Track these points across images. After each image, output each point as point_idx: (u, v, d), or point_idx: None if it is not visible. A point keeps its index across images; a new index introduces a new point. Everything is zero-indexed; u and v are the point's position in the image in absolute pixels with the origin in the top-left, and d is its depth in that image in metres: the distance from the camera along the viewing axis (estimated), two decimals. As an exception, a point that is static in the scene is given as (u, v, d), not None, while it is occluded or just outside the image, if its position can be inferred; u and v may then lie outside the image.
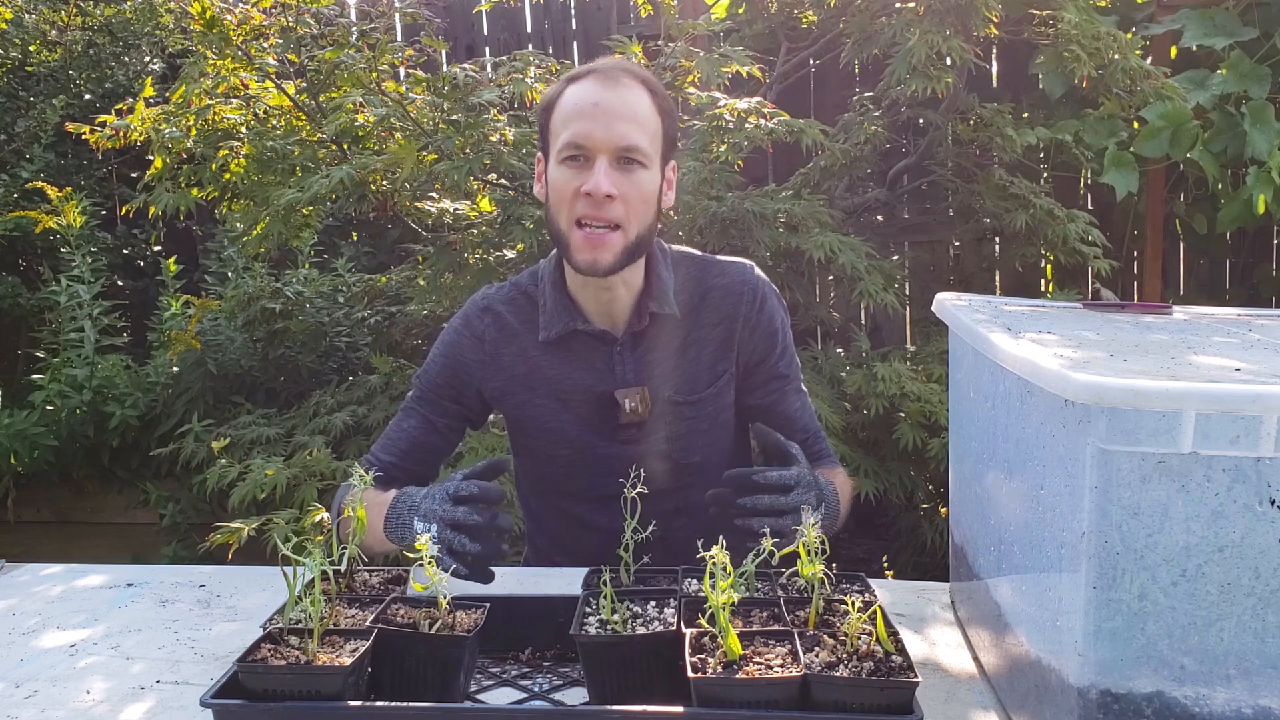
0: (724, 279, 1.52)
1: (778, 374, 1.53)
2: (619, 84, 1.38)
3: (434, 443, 1.55)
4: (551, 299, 1.48)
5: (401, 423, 1.55)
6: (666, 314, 1.47)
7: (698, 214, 2.88)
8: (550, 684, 1.10)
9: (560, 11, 4.79)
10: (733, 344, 1.51)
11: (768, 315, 1.52)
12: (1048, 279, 3.98)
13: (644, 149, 1.37)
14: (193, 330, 3.72)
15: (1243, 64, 3.25)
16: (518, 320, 1.51)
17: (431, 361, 1.56)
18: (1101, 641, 0.79)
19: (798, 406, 1.55)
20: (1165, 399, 0.73)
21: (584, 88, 1.38)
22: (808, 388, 1.61)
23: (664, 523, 1.14)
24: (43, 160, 4.51)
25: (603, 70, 1.40)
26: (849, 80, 4.02)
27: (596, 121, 1.34)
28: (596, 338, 1.47)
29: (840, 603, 1.01)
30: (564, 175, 1.37)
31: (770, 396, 1.54)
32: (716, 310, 1.51)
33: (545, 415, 1.50)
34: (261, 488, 2.74)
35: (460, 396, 1.54)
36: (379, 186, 2.96)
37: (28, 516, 4.22)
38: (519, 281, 1.56)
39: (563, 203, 1.38)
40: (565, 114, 1.38)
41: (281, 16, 3.05)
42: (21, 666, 1.20)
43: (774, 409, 1.53)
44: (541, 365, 1.50)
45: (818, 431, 1.58)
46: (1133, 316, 1.16)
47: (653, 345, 1.49)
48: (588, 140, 1.34)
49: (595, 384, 1.48)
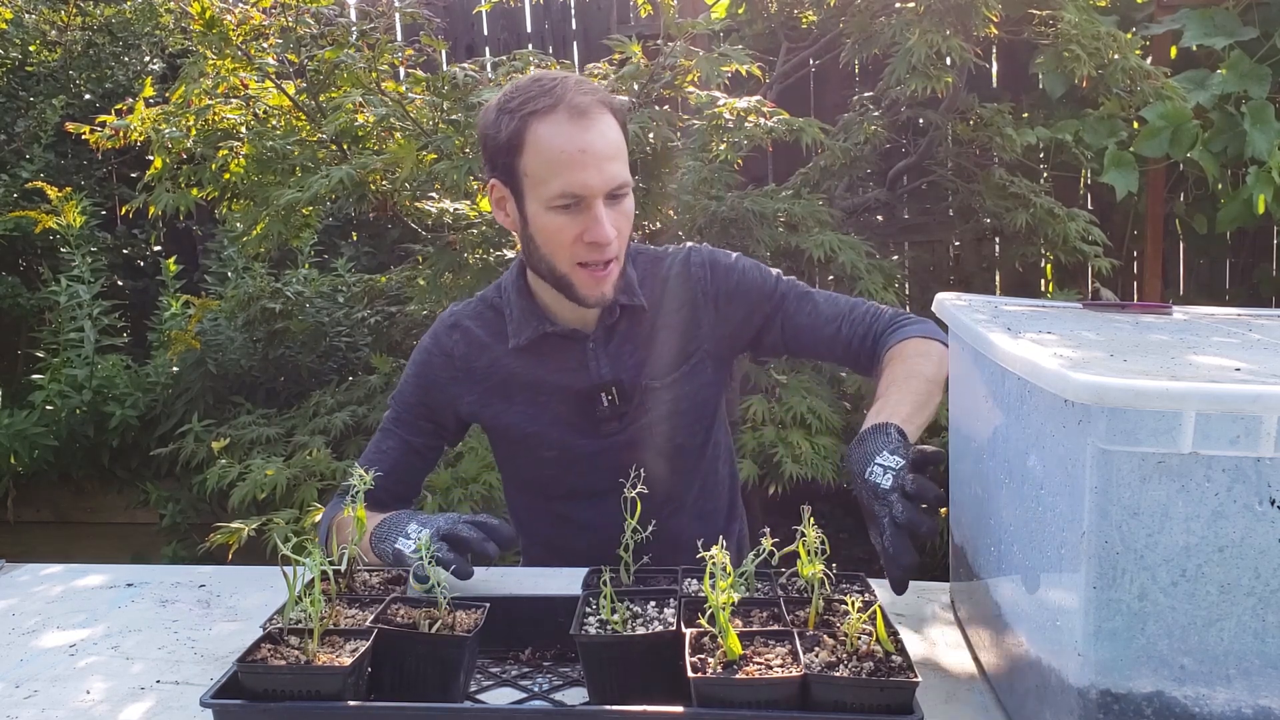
0: (675, 266, 1.54)
1: (772, 307, 1.53)
2: (594, 120, 1.34)
3: (413, 462, 1.56)
4: (518, 306, 1.50)
5: (380, 444, 1.56)
6: (636, 305, 1.50)
7: (697, 214, 2.88)
8: (550, 684, 1.10)
9: (560, 11, 4.79)
10: (699, 323, 1.52)
11: (722, 276, 1.53)
12: (1048, 279, 3.98)
13: (628, 179, 1.38)
14: (193, 330, 3.72)
15: (1243, 64, 3.25)
16: (486, 332, 1.53)
17: (405, 382, 1.57)
18: (1101, 641, 0.79)
19: (809, 310, 1.52)
20: (1165, 399, 0.73)
21: (560, 129, 1.33)
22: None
23: (656, 513, 1.14)
24: (43, 160, 4.51)
25: (570, 105, 1.33)
26: (849, 80, 4.02)
27: (588, 170, 1.32)
28: (567, 337, 1.49)
29: (840, 603, 1.01)
30: (558, 222, 1.36)
31: (778, 326, 1.53)
32: (675, 296, 1.52)
33: (524, 421, 1.51)
34: (261, 488, 2.74)
35: (434, 415, 1.55)
36: (379, 186, 2.96)
37: (28, 516, 4.22)
38: (485, 296, 1.58)
39: (560, 248, 1.37)
40: (548, 161, 1.33)
41: (281, 16, 3.05)
42: (21, 666, 1.20)
43: (791, 332, 1.53)
44: (516, 372, 1.51)
45: (848, 313, 1.50)
46: (1133, 316, 1.16)
47: (625, 337, 1.51)
48: (584, 189, 1.33)
49: (571, 383, 1.49)
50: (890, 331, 1.47)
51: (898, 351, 1.41)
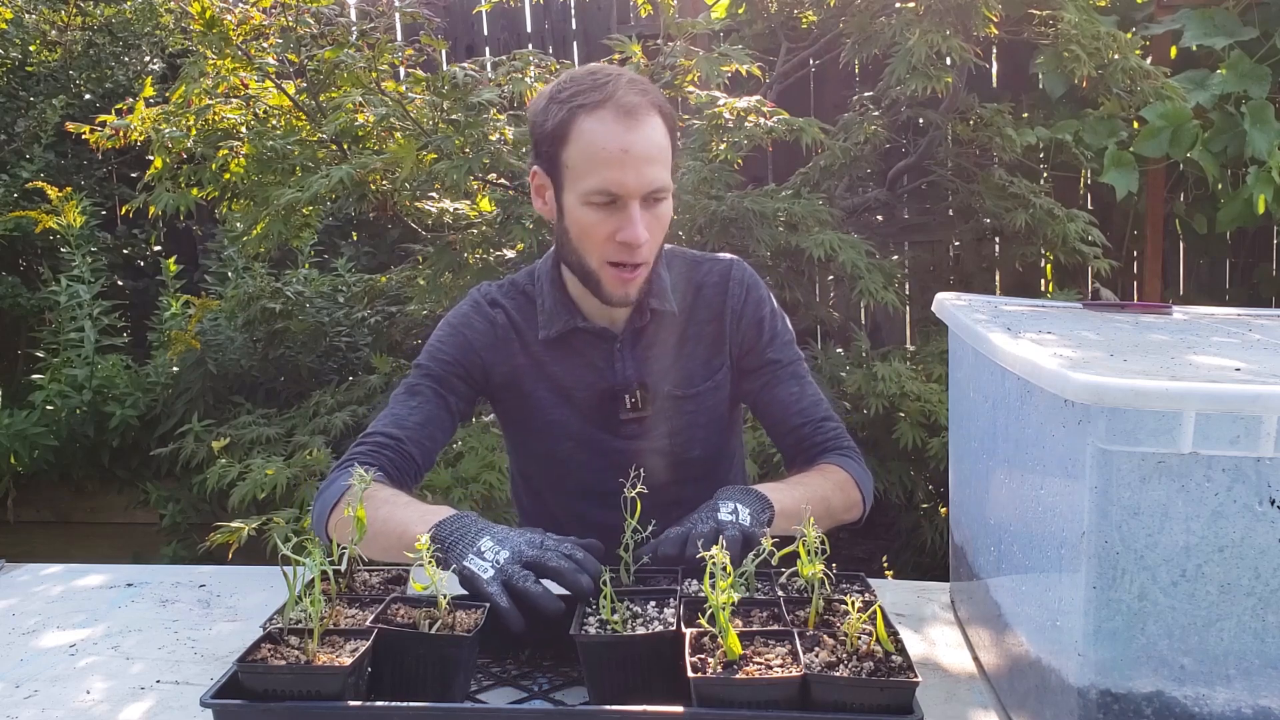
0: (713, 275, 1.54)
1: (767, 360, 1.53)
2: (640, 121, 1.33)
3: (444, 419, 1.49)
4: (551, 298, 1.49)
5: (408, 400, 1.48)
6: (666, 310, 1.49)
7: (698, 213, 2.88)
8: (550, 684, 1.10)
9: (560, 11, 4.79)
10: (724, 337, 1.52)
11: (753, 304, 1.53)
12: (1048, 279, 3.98)
13: (668, 183, 1.37)
14: (193, 330, 3.72)
15: (1243, 64, 3.25)
16: (520, 316, 1.52)
17: (439, 343, 1.52)
18: (1101, 641, 0.79)
19: (794, 391, 1.52)
20: (1165, 399, 0.73)
21: (605, 127, 1.32)
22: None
23: (662, 517, 1.14)
24: (43, 160, 4.51)
25: (619, 103, 1.33)
26: (849, 80, 4.02)
27: (628, 170, 1.32)
28: (597, 335, 1.48)
29: (840, 603, 1.01)
30: (593, 218, 1.35)
31: (761, 381, 1.53)
32: (709, 306, 1.52)
33: (547, 407, 1.51)
34: (261, 488, 2.74)
35: (469, 375, 1.50)
36: (379, 186, 2.97)
37: (28, 516, 4.22)
38: (516, 281, 1.56)
39: (593, 244, 1.37)
40: (590, 156, 1.33)
41: (281, 16, 3.05)
42: (21, 666, 1.20)
43: (767, 394, 1.52)
44: (543, 361, 1.50)
45: (821, 419, 1.52)
46: (1133, 316, 1.16)
47: (652, 341, 1.50)
48: (621, 189, 1.33)
49: (596, 380, 1.49)
50: (836, 453, 1.48)
51: (828, 469, 1.44)
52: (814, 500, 1.24)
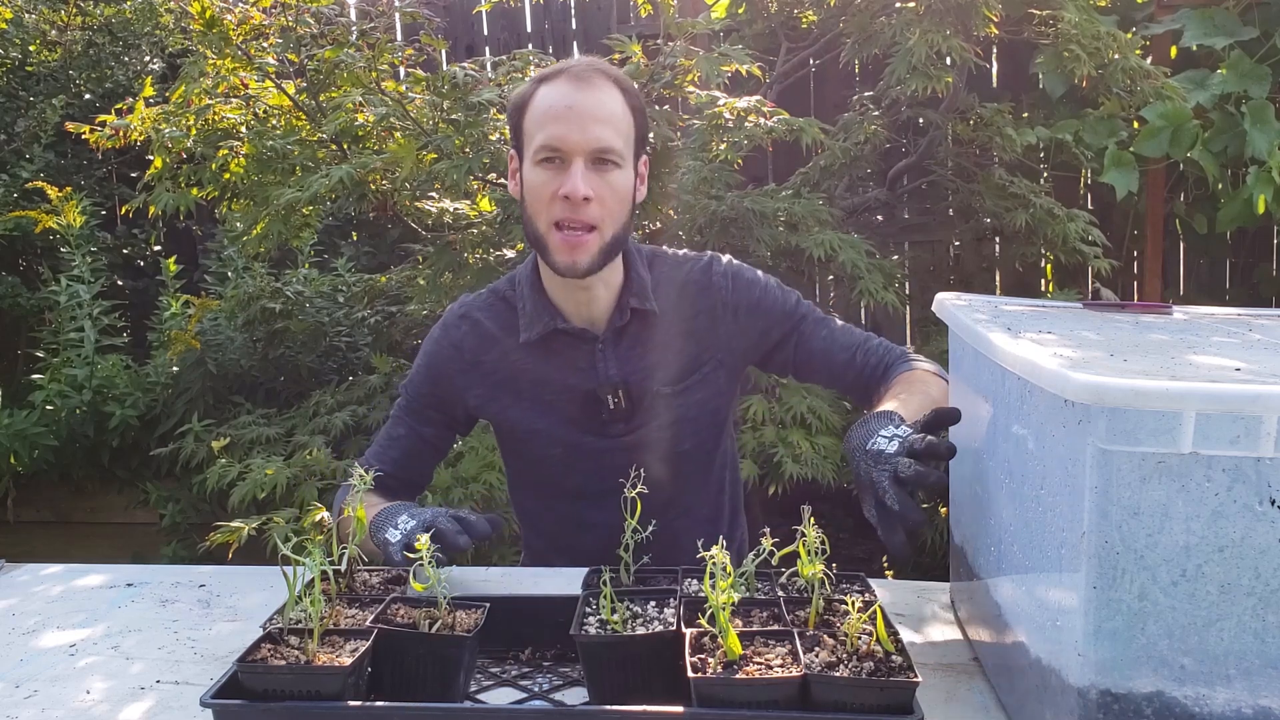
0: (694, 273, 1.55)
1: (786, 330, 1.54)
2: (591, 85, 1.38)
3: (423, 451, 1.58)
4: (530, 301, 1.50)
5: (392, 431, 1.58)
6: (647, 309, 1.50)
7: (698, 213, 2.88)
8: (550, 684, 1.10)
9: (560, 11, 4.79)
10: (716, 333, 1.52)
11: (744, 291, 1.53)
12: (1048, 279, 3.98)
13: (618, 149, 1.39)
14: (193, 330, 3.72)
15: (1243, 64, 3.25)
16: (496, 325, 1.53)
17: (415, 372, 1.59)
18: (1101, 641, 0.79)
19: (824, 335, 1.53)
20: (1165, 399, 0.73)
21: (556, 89, 1.39)
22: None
23: (659, 516, 1.14)
24: (43, 160, 4.51)
25: (574, 70, 1.40)
26: (849, 80, 4.02)
27: (571, 124, 1.36)
28: (577, 336, 1.49)
29: (840, 603, 1.01)
30: (540, 178, 1.38)
31: (791, 347, 1.54)
32: (693, 303, 1.53)
33: (531, 417, 1.51)
34: (261, 487, 2.74)
35: (443, 407, 1.56)
36: (379, 186, 2.96)
37: (28, 516, 4.22)
38: (496, 288, 1.58)
39: (540, 205, 1.40)
40: (539, 116, 1.39)
41: (281, 16, 3.05)
42: (21, 666, 1.20)
43: (803, 354, 1.53)
44: (524, 367, 1.51)
45: (863, 343, 1.51)
46: (1133, 316, 1.16)
47: (635, 340, 1.50)
48: (563, 143, 1.36)
49: (579, 382, 1.49)
50: (903, 361, 1.48)
51: (905, 375, 1.43)
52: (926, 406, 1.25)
